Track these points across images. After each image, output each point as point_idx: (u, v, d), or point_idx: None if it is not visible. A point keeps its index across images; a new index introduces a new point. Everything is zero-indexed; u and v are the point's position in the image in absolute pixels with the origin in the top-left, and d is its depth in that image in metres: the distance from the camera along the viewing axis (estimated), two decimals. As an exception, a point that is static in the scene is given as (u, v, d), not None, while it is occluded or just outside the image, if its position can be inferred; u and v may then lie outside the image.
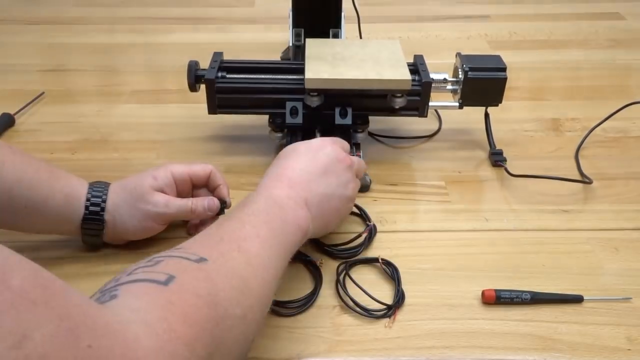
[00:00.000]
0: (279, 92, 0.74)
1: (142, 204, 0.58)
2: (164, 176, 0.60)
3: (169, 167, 0.61)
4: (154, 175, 0.59)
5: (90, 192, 0.58)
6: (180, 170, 0.61)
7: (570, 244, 0.66)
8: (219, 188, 0.64)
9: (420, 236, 0.67)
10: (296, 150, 0.59)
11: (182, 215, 0.60)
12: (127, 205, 0.59)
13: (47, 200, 0.56)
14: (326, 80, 0.70)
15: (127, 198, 0.59)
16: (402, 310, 0.58)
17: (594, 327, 0.56)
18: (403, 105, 0.73)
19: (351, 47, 0.77)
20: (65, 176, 0.59)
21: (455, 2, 1.33)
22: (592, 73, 1.04)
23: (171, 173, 0.60)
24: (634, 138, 0.85)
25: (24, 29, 1.19)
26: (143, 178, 0.59)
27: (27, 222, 0.58)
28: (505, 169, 0.75)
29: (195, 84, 0.74)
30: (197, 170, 0.62)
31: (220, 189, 0.64)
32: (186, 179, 0.62)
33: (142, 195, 0.58)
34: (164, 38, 1.15)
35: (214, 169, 0.64)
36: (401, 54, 0.76)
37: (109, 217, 0.58)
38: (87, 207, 0.58)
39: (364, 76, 0.70)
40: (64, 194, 0.57)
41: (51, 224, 0.58)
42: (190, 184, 0.63)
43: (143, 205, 0.58)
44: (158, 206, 0.58)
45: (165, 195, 0.59)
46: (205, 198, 0.62)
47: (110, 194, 0.59)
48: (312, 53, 0.75)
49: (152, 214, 0.59)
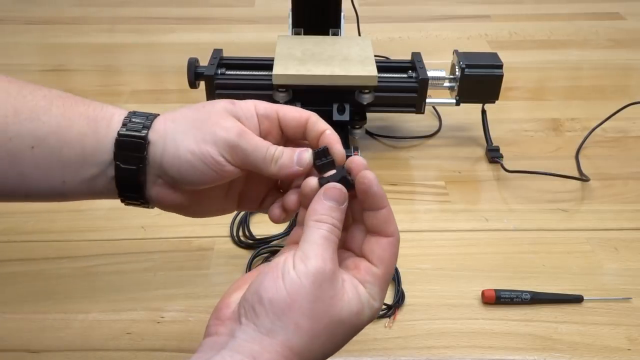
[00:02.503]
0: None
1: (208, 122, 0.40)
2: (245, 107, 0.42)
3: (252, 100, 0.43)
4: (232, 100, 0.43)
5: (131, 114, 0.42)
6: (265, 106, 0.43)
7: (570, 244, 0.66)
8: (324, 135, 0.42)
9: (420, 236, 0.67)
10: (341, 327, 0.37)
11: (258, 160, 0.41)
12: (185, 121, 0.41)
13: (60, 130, 0.40)
14: (293, 76, 0.71)
15: (188, 113, 0.41)
16: (402, 310, 0.58)
17: (594, 327, 0.56)
18: (371, 101, 0.73)
19: (321, 44, 0.78)
20: (90, 102, 0.42)
21: (455, 2, 1.33)
22: (592, 73, 1.04)
23: (254, 106, 0.43)
24: (634, 138, 0.85)
25: (24, 29, 1.19)
26: (217, 101, 0.42)
27: (37, 177, 0.40)
28: (502, 165, 0.75)
29: (195, 81, 0.74)
30: (289, 111, 0.43)
31: (325, 136, 0.42)
32: (273, 119, 0.43)
33: (210, 114, 0.41)
34: (164, 38, 1.15)
35: (315, 115, 0.43)
36: (371, 51, 0.77)
37: (155, 137, 0.40)
38: (124, 123, 0.41)
39: (330, 72, 0.71)
40: (86, 117, 0.40)
41: (69, 167, 0.40)
42: (279, 129, 0.43)
43: (209, 125, 0.40)
44: (230, 131, 0.40)
45: (242, 125, 0.41)
46: (297, 149, 0.42)
47: (164, 114, 0.42)
48: (283, 50, 0.76)
49: (219, 139, 0.40)
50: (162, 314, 0.57)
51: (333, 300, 0.35)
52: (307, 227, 0.37)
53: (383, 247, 0.39)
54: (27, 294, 0.59)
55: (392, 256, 0.39)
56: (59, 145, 0.40)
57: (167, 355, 0.53)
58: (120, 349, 0.53)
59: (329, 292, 0.35)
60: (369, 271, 0.38)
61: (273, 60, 0.73)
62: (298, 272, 0.35)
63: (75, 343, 0.54)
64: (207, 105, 0.42)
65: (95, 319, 0.56)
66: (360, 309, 0.37)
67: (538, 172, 0.73)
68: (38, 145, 0.40)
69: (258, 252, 0.63)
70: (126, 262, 0.62)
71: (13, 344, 0.54)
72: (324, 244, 0.36)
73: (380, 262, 0.38)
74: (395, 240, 0.39)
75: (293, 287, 0.34)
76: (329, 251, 0.36)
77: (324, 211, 0.38)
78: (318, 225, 0.37)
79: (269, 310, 0.34)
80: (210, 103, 0.42)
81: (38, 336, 0.54)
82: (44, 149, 0.40)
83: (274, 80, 0.71)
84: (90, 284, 0.60)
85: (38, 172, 0.40)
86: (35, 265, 0.61)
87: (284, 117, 0.43)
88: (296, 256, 0.36)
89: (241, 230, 0.67)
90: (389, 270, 0.39)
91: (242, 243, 0.65)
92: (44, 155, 0.40)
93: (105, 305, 0.57)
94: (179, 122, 0.41)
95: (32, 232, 0.65)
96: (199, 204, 0.44)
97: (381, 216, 0.39)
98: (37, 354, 0.53)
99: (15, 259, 0.62)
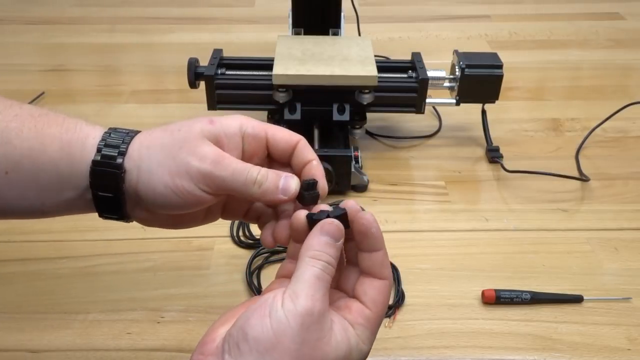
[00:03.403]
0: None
1: (182, 151, 0.38)
2: (227, 124, 0.40)
3: (240, 117, 0.41)
4: (212, 119, 0.40)
5: (106, 136, 0.40)
6: (255, 125, 0.41)
7: (570, 244, 0.66)
8: (310, 165, 0.41)
9: (420, 236, 0.67)
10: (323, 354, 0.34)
11: (238, 185, 0.39)
12: (160, 149, 0.39)
13: (33, 154, 0.39)
14: (293, 76, 0.70)
15: (163, 139, 0.39)
16: (402, 310, 0.58)
17: (594, 327, 0.56)
18: (371, 101, 0.73)
19: (321, 44, 0.78)
20: (63, 120, 0.40)
21: (455, 2, 1.33)
22: (592, 73, 1.04)
23: (240, 123, 0.41)
24: (634, 138, 0.85)
25: (24, 29, 1.19)
26: (195, 121, 0.40)
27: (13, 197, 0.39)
28: (501, 164, 0.75)
29: (195, 81, 0.74)
30: (279, 133, 0.41)
31: (312, 166, 0.41)
32: (260, 139, 0.41)
33: (185, 140, 0.39)
34: (164, 38, 1.15)
35: (305, 140, 0.42)
36: (371, 51, 0.76)
37: (130, 165, 0.39)
38: (99, 149, 0.39)
39: (330, 72, 0.71)
40: (59, 141, 0.39)
41: (46, 191, 0.40)
42: (266, 150, 0.42)
43: (183, 155, 0.38)
44: (204, 160, 0.38)
45: (218, 150, 0.39)
46: (282, 173, 0.40)
47: (139, 136, 0.40)
48: (283, 50, 0.76)
49: (193, 170, 0.38)
50: (162, 314, 0.57)
51: (320, 343, 0.34)
52: (301, 263, 0.36)
53: (377, 290, 0.38)
54: (27, 294, 0.59)
55: (385, 299, 0.38)
56: (34, 170, 0.39)
57: (167, 355, 0.53)
58: (120, 348, 0.53)
59: (316, 334, 0.34)
60: (361, 313, 0.37)
61: (273, 60, 0.73)
62: (286, 312, 0.33)
63: (75, 343, 0.54)
64: (183, 127, 0.40)
65: (95, 319, 0.56)
66: (348, 353, 0.35)
67: (538, 172, 0.73)
68: (12, 170, 0.39)
69: (258, 252, 0.63)
70: (126, 262, 0.62)
71: (13, 344, 0.54)
72: (316, 283, 0.35)
73: (373, 305, 0.37)
74: (390, 284, 0.39)
75: (280, 326, 0.33)
76: (321, 291, 0.35)
77: (320, 247, 0.36)
78: (312, 262, 0.36)
79: (253, 348, 0.33)
80: (187, 124, 0.40)
81: (38, 336, 0.54)
82: (18, 173, 0.39)
83: (274, 80, 0.71)
84: (90, 284, 0.60)
85: (14, 194, 0.40)
86: (35, 265, 0.61)
87: (273, 137, 0.41)
88: (286, 294, 0.34)
89: (241, 230, 0.67)
90: (381, 314, 0.38)
91: (242, 243, 0.65)
92: (19, 179, 0.39)
93: (105, 305, 0.57)
94: (153, 149, 0.39)
95: (32, 232, 0.65)
96: (181, 222, 0.43)
97: (377, 258, 0.38)
98: (37, 354, 0.53)
99: (15, 259, 0.62)
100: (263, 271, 0.62)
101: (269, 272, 0.62)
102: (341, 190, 0.72)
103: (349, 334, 0.36)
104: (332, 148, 0.71)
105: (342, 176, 0.70)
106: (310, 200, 0.40)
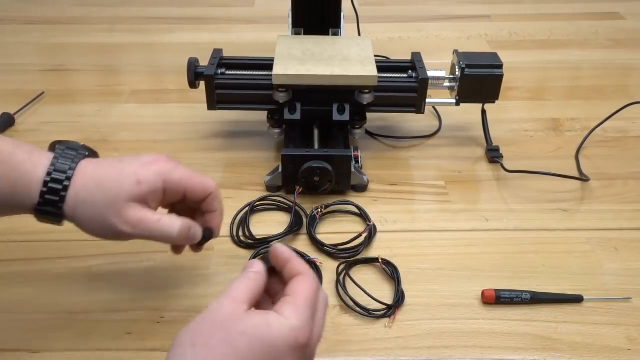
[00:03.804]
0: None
1: (110, 213, 0.47)
2: (152, 181, 0.48)
3: (164, 170, 0.49)
4: (139, 179, 0.47)
5: (50, 175, 0.46)
6: (175, 180, 0.49)
7: (570, 244, 0.66)
8: (214, 215, 0.53)
9: (420, 236, 0.67)
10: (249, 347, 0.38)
11: (155, 238, 0.49)
12: (92, 206, 0.47)
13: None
14: (293, 76, 0.70)
15: (96, 196, 0.47)
16: (402, 310, 0.58)
17: (594, 327, 0.56)
18: (371, 101, 0.73)
19: (321, 44, 0.78)
20: (9, 157, 0.46)
21: (455, 2, 1.33)
22: (592, 73, 1.04)
23: (162, 180, 0.48)
24: (634, 138, 0.85)
25: (24, 29, 1.19)
26: (125, 178, 0.47)
27: None
28: (501, 164, 0.75)
29: (195, 81, 0.74)
30: (196, 186, 0.51)
31: (213, 217, 0.53)
32: (179, 192, 0.50)
33: (114, 203, 0.47)
34: (164, 38, 1.15)
35: (216, 190, 0.52)
36: (371, 51, 0.76)
37: (68, 210, 0.47)
38: (42, 194, 0.46)
39: (330, 72, 0.71)
40: (7, 179, 0.46)
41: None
42: (183, 196, 0.51)
43: (111, 216, 0.47)
44: (126, 224, 0.47)
45: (140, 212, 0.48)
46: (191, 225, 0.50)
47: (78, 179, 0.47)
48: (283, 50, 0.76)
49: (117, 229, 0.47)
50: (162, 314, 0.57)
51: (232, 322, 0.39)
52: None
53: (294, 281, 0.42)
54: (27, 294, 0.59)
55: (304, 287, 0.42)
56: None
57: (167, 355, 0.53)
58: (121, 349, 0.53)
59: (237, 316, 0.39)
60: (281, 300, 0.41)
61: (273, 60, 0.73)
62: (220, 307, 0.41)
63: (75, 343, 0.54)
64: (115, 186, 0.47)
65: (95, 319, 0.56)
66: (266, 324, 0.39)
67: (538, 172, 0.73)
68: None
69: (258, 252, 0.63)
70: (126, 262, 0.62)
71: (13, 344, 0.54)
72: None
73: (292, 293, 0.41)
74: (307, 276, 0.43)
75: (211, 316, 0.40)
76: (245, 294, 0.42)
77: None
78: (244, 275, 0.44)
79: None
80: (118, 184, 0.47)
81: (38, 336, 0.54)
82: None
83: (274, 80, 0.71)
84: (90, 284, 0.60)
85: None
86: (36, 265, 0.61)
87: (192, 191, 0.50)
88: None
89: (241, 230, 0.67)
90: (303, 297, 0.41)
91: (242, 243, 0.65)
92: None
93: (105, 305, 0.57)
94: (87, 205, 0.47)
95: (32, 232, 0.65)
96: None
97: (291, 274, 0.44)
98: (37, 354, 0.53)
99: (15, 259, 0.62)
100: (263, 271, 0.62)
101: (269, 272, 0.62)
102: (341, 190, 0.72)
103: (268, 315, 0.40)
104: (332, 148, 0.71)
105: (342, 176, 0.70)
106: (204, 241, 0.53)
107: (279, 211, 0.70)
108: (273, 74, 0.70)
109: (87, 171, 0.47)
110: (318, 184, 0.69)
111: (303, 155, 0.68)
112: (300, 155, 0.68)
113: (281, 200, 0.70)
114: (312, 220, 0.67)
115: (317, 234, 0.66)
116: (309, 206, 0.69)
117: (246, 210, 0.68)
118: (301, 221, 0.67)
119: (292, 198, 0.68)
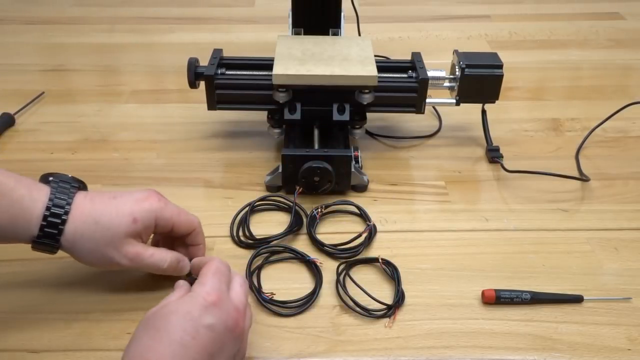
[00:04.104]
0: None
1: (109, 248, 0.52)
2: (147, 218, 0.54)
3: (156, 208, 0.55)
4: (135, 217, 0.53)
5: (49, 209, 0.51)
6: (166, 218, 0.55)
7: (570, 244, 0.66)
8: (198, 248, 0.60)
9: (420, 236, 0.67)
10: (166, 321, 0.44)
11: (149, 269, 0.56)
12: (90, 241, 0.52)
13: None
14: (293, 76, 0.70)
15: (95, 232, 0.52)
16: (402, 310, 0.58)
17: (594, 327, 0.56)
18: (371, 101, 0.73)
19: (321, 44, 0.78)
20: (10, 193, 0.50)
21: (455, 2, 1.33)
22: (592, 73, 1.04)
23: (155, 218, 0.54)
24: (634, 138, 0.85)
25: (24, 29, 1.19)
26: (122, 217, 0.53)
27: None
28: (501, 164, 0.75)
29: (195, 81, 0.74)
30: (182, 224, 0.57)
31: (198, 250, 0.60)
32: (168, 227, 0.57)
33: (112, 240, 0.52)
34: (164, 38, 1.15)
35: (199, 226, 0.59)
36: (371, 51, 0.76)
37: (65, 244, 0.52)
38: (41, 227, 0.51)
39: (330, 72, 0.71)
40: (8, 215, 0.50)
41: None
42: (170, 231, 0.57)
43: (110, 251, 0.52)
44: (124, 258, 0.53)
45: (136, 247, 0.54)
46: (180, 259, 0.57)
47: (76, 214, 0.52)
48: (283, 50, 0.76)
49: (115, 261, 0.53)
50: (162, 314, 0.57)
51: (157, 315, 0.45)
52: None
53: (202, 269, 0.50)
54: (27, 294, 0.59)
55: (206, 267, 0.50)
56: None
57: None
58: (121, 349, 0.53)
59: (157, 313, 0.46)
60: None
61: (273, 60, 0.73)
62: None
63: (75, 343, 0.54)
64: (113, 224, 0.52)
65: (95, 319, 0.56)
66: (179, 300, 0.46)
67: (538, 172, 0.73)
68: None
69: (258, 252, 0.63)
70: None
71: (13, 344, 0.54)
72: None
73: (199, 275, 0.49)
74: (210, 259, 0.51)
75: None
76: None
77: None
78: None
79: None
80: (116, 221, 0.52)
81: (38, 336, 0.54)
82: None
83: (274, 80, 0.71)
84: (90, 284, 0.60)
85: None
86: (35, 265, 0.61)
87: (178, 226, 0.57)
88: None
89: (241, 230, 0.67)
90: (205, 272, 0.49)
91: (242, 243, 0.65)
92: None
93: (105, 305, 0.57)
94: (85, 239, 0.52)
95: (32, 232, 0.65)
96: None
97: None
98: (37, 354, 0.53)
99: (15, 259, 0.62)
100: (263, 271, 0.62)
101: (269, 272, 0.62)
102: (341, 190, 0.72)
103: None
104: (332, 148, 0.71)
105: (342, 176, 0.70)
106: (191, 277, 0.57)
107: (279, 211, 0.70)
108: (273, 74, 0.70)
109: (84, 207, 0.52)
110: (318, 184, 0.69)
111: (303, 155, 0.68)
112: (300, 155, 0.68)
113: (281, 200, 0.70)
114: (312, 220, 0.67)
115: (317, 234, 0.66)
116: (309, 206, 0.69)
117: (246, 210, 0.68)
118: (301, 221, 0.67)
119: (292, 198, 0.68)
